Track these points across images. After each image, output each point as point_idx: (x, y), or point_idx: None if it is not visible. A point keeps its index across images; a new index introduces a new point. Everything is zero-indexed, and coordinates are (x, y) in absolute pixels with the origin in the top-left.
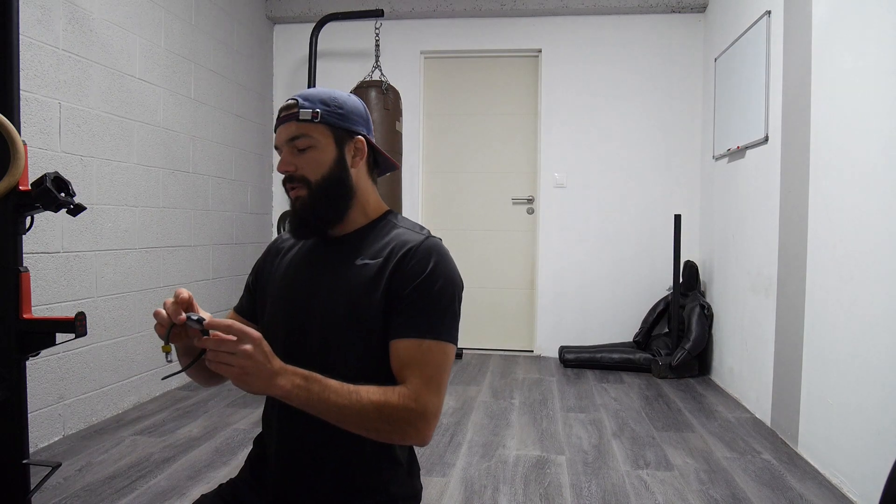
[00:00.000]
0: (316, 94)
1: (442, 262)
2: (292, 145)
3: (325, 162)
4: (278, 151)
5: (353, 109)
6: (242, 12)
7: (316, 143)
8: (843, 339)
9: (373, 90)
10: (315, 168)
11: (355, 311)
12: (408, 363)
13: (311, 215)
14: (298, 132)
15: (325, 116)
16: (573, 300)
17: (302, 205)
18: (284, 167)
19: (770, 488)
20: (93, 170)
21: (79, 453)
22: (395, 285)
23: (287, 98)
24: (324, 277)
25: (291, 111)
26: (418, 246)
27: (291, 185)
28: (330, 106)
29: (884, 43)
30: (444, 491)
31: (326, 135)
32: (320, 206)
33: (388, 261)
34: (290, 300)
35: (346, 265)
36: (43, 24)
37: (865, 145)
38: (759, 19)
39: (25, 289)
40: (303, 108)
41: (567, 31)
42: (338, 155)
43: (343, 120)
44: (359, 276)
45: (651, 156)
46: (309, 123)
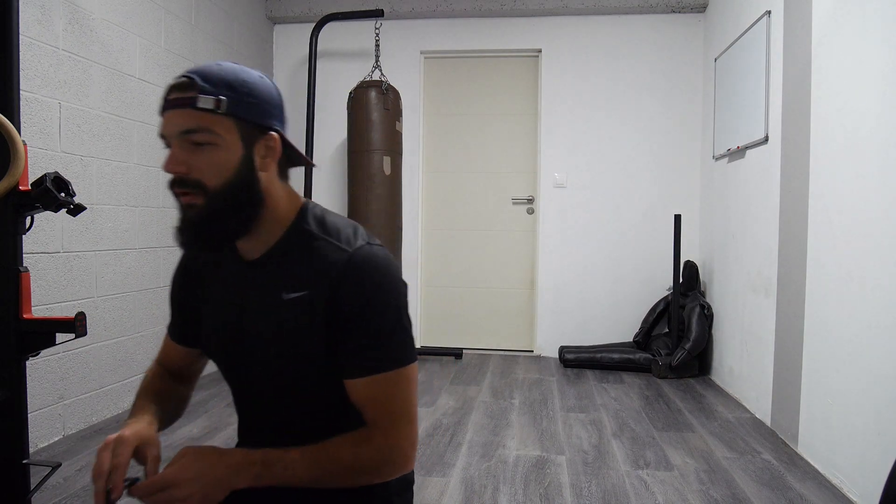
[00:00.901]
0: (220, 75)
1: (377, 277)
2: (186, 139)
3: (229, 165)
4: (164, 142)
5: (265, 97)
6: (242, 12)
7: (217, 141)
8: (843, 339)
9: (373, 90)
10: (215, 172)
11: (295, 354)
12: (369, 403)
13: (207, 229)
14: (196, 124)
15: (231, 107)
16: (573, 300)
17: (197, 215)
18: (174, 167)
19: (770, 488)
20: (93, 170)
21: (79, 453)
22: (333, 319)
23: (181, 74)
24: (253, 315)
25: (187, 94)
26: (345, 269)
27: (182, 189)
28: (238, 92)
29: (884, 43)
30: (444, 491)
31: (231, 131)
32: (220, 219)
33: (318, 293)
34: (224, 340)
35: (274, 300)
36: (43, 24)
37: (865, 145)
38: (759, 19)
39: (25, 289)
40: (203, 94)
41: (567, 31)
42: (244, 156)
43: (254, 111)
44: (290, 316)
45: (651, 156)
46: (211, 114)
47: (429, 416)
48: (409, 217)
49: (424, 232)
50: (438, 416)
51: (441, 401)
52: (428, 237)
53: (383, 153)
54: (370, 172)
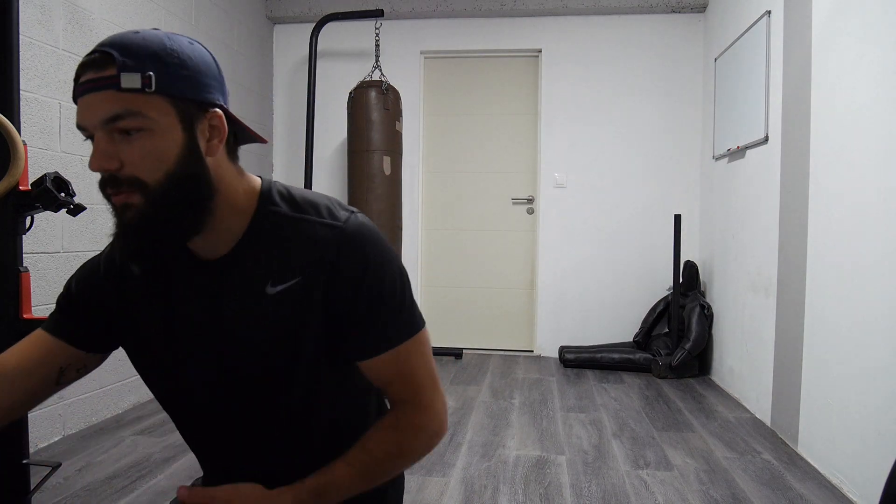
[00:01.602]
0: (143, 46)
1: (373, 248)
2: (112, 128)
3: (168, 154)
4: (84, 134)
5: (201, 67)
6: (242, 12)
7: (151, 125)
8: (843, 339)
9: (373, 90)
10: (152, 163)
11: (286, 353)
12: (393, 379)
13: (151, 233)
14: (122, 108)
15: (162, 83)
16: (573, 300)
17: (137, 218)
18: (102, 163)
19: (770, 488)
20: None
21: (79, 453)
22: (336, 303)
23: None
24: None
25: (105, 73)
26: (340, 245)
27: (115, 189)
28: (167, 65)
29: (884, 43)
30: (444, 491)
31: (167, 111)
32: (165, 219)
33: (313, 276)
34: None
35: (255, 298)
36: (43, 24)
37: (865, 145)
38: (759, 19)
39: (25, 289)
40: (125, 71)
41: (567, 31)
42: (186, 142)
43: (190, 86)
44: (280, 309)
45: (651, 156)
46: (139, 94)
47: None
48: (409, 217)
49: (424, 232)
50: None
51: None
52: (428, 237)
53: (383, 153)
54: (370, 172)
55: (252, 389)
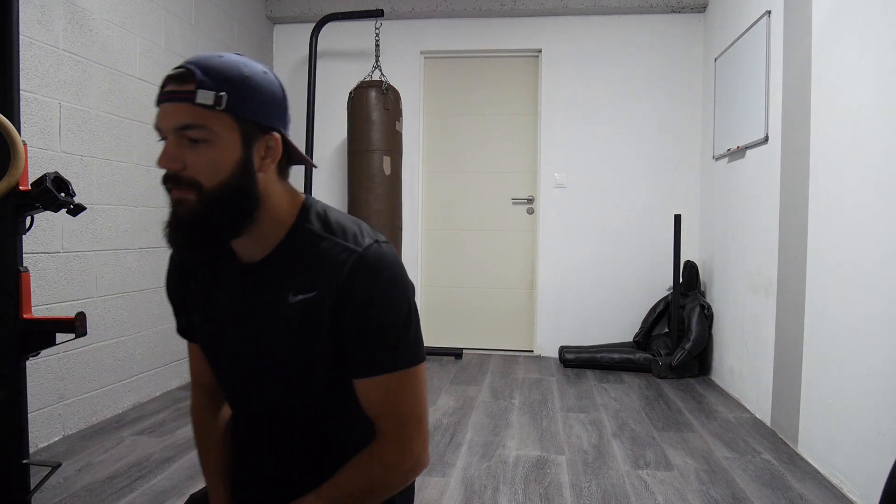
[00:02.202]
0: (221, 69)
1: (386, 277)
2: (182, 135)
3: (226, 165)
4: (159, 135)
5: (268, 95)
6: (242, 12)
7: (215, 139)
8: (843, 339)
9: (373, 90)
10: (211, 171)
11: (299, 359)
12: (379, 407)
13: (198, 229)
14: (194, 120)
15: (231, 104)
16: (573, 300)
17: (188, 212)
18: (169, 163)
19: (770, 488)
20: (93, 170)
21: (79, 453)
22: (341, 320)
23: (180, 64)
24: (258, 321)
25: (185, 87)
26: (355, 266)
27: (175, 185)
28: (239, 89)
29: (884, 43)
30: (444, 491)
31: (231, 128)
32: (212, 220)
33: (327, 294)
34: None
35: (280, 303)
36: (43, 24)
37: (865, 145)
38: (759, 19)
39: (25, 289)
40: (202, 88)
41: (567, 31)
42: (243, 157)
43: (255, 110)
44: (295, 318)
45: (651, 156)
46: (209, 111)
47: (429, 416)
48: (409, 217)
49: (424, 232)
50: (438, 416)
51: (441, 401)
52: (428, 237)
53: (383, 153)
54: (370, 172)
55: (269, 385)
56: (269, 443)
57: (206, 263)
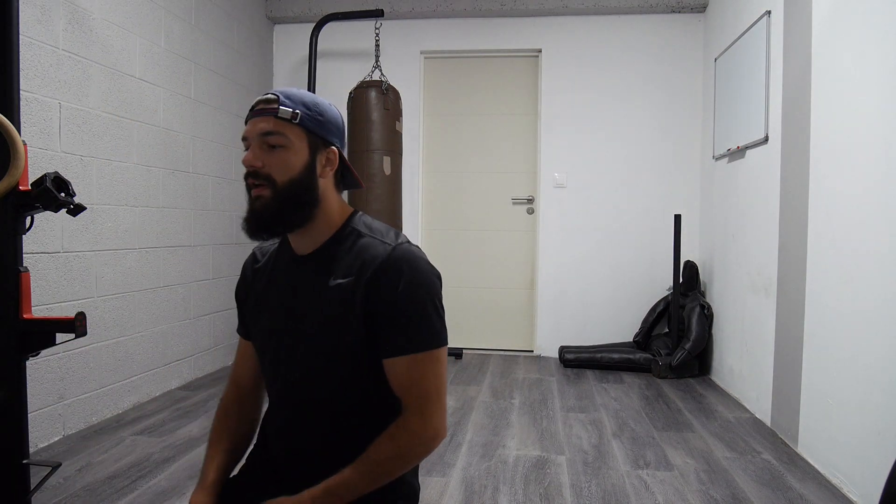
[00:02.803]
0: (299, 96)
1: (413, 270)
2: (263, 140)
3: (295, 165)
4: (245, 144)
5: (332, 119)
6: (242, 12)
7: (289, 144)
8: (843, 339)
9: (373, 90)
10: (283, 169)
11: (334, 335)
12: (404, 383)
13: (271, 217)
14: (274, 128)
15: (304, 119)
16: (573, 300)
17: (263, 205)
18: (252, 162)
19: (770, 488)
20: (93, 170)
21: (79, 453)
22: (371, 305)
23: (268, 91)
24: (301, 302)
25: (271, 106)
26: (386, 259)
27: (255, 181)
28: (311, 110)
29: (884, 43)
30: (444, 491)
31: (301, 138)
32: (283, 209)
33: (360, 279)
34: (273, 330)
35: (321, 287)
36: (43, 24)
37: (865, 145)
38: (759, 19)
39: (25, 289)
40: (283, 106)
41: (567, 31)
42: (309, 161)
43: (321, 127)
44: (334, 299)
45: (651, 156)
46: (287, 123)
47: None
48: (409, 217)
49: (424, 232)
50: None
51: None
52: (428, 237)
53: (383, 153)
54: (370, 172)
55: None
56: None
57: (272, 261)
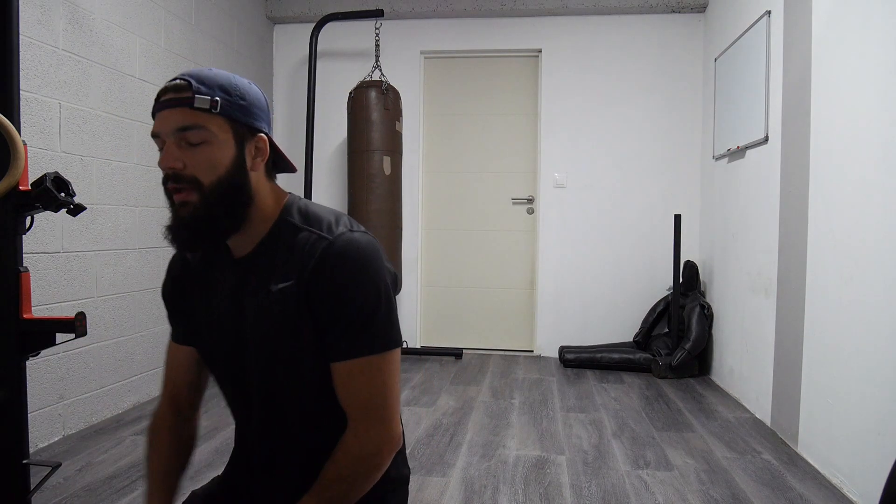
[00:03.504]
0: (213, 78)
1: (356, 265)
2: (181, 137)
3: (222, 162)
4: (158, 143)
5: (255, 101)
6: (242, 12)
7: (212, 139)
8: (843, 339)
9: (373, 90)
10: (209, 168)
11: (286, 345)
12: (343, 392)
13: (201, 226)
14: (192, 122)
15: (225, 107)
16: (573, 300)
17: (192, 213)
18: (170, 163)
19: (770, 488)
20: (93, 170)
21: (79, 453)
22: (313, 307)
23: (174, 77)
24: (247, 311)
25: (183, 94)
26: (325, 255)
27: (176, 185)
28: (231, 95)
29: (884, 43)
30: (444, 491)
31: (225, 129)
32: (214, 215)
33: (301, 280)
34: (220, 343)
35: (264, 293)
36: (43, 24)
37: (865, 145)
38: (759, 19)
39: (25, 289)
40: (199, 94)
41: (567, 31)
42: (237, 154)
43: (245, 114)
44: (277, 307)
45: (651, 156)
46: (206, 113)
47: (429, 416)
48: (409, 217)
49: (424, 232)
50: (438, 416)
51: (441, 401)
52: (428, 237)
53: (383, 153)
54: (370, 172)
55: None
56: (265, 439)
57: (204, 261)
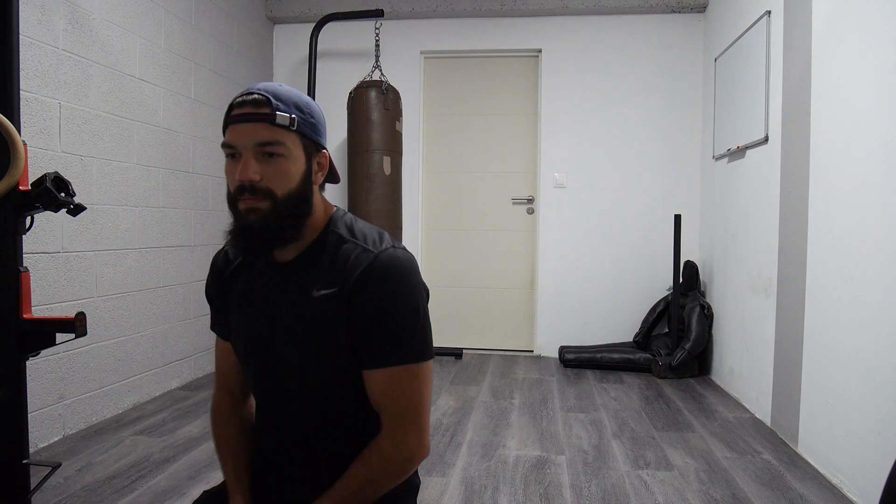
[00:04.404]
0: (288, 97)
1: (398, 279)
2: (260, 150)
3: (295, 176)
4: (229, 151)
5: (320, 119)
6: (242, 12)
7: (288, 154)
8: (844, 339)
9: (373, 90)
10: (284, 180)
11: (322, 350)
12: (380, 398)
13: (270, 233)
14: (272, 137)
15: (300, 125)
16: (573, 300)
17: (260, 219)
18: (249, 175)
19: (770, 488)
20: (93, 170)
21: (79, 453)
22: (355, 316)
23: (248, 91)
24: (285, 314)
25: (263, 111)
26: (370, 268)
27: (251, 195)
28: (304, 113)
29: (884, 43)
30: (444, 491)
31: (298, 145)
32: (282, 225)
33: (344, 289)
34: (255, 342)
35: (305, 298)
36: (43, 24)
37: (865, 145)
38: (759, 19)
39: (25, 289)
40: (279, 111)
41: (567, 31)
42: (306, 169)
43: (314, 131)
44: (319, 312)
45: (651, 156)
46: (284, 129)
47: (430, 414)
48: (409, 217)
49: (424, 232)
50: (438, 416)
51: (441, 401)
52: (428, 237)
53: (383, 153)
54: (370, 172)
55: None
56: (292, 436)
57: (247, 263)
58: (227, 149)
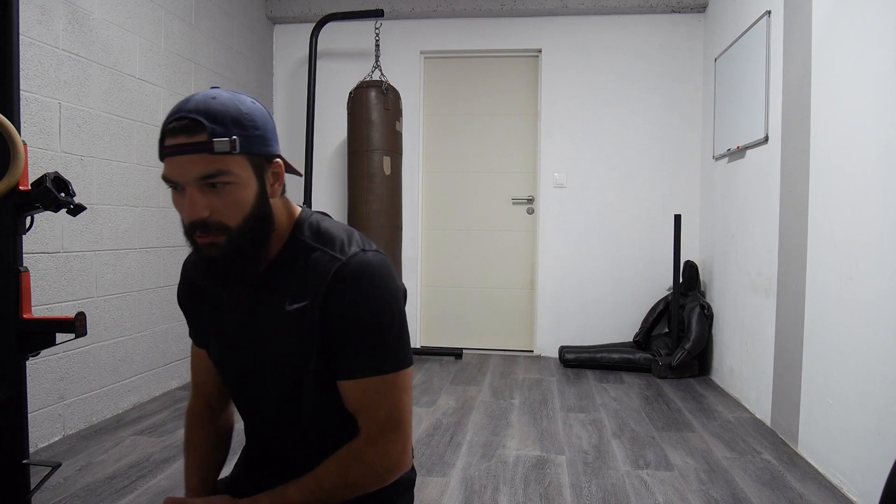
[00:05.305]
0: (224, 113)
1: (370, 286)
2: (203, 183)
3: (247, 200)
4: (171, 185)
5: (265, 125)
6: (242, 12)
7: (236, 180)
8: (844, 339)
9: (373, 90)
10: (236, 210)
11: (296, 363)
12: (357, 408)
13: (233, 263)
14: (214, 169)
15: (244, 145)
16: (573, 300)
17: (220, 253)
18: (197, 214)
19: (770, 488)
20: (93, 170)
21: (79, 453)
22: (328, 326)
23: (177, 113)
24: (258, 329)
25: (198, 139)
26: (339, 275)
27: (203, 233)
28: (246, 128)
29: (884, 43)
30: (444, 491)
31: (246, 167)
32: (242, 253)
33: (315, 302)
34: (229, 354)
35: (278, 311)
36: (43, 24)
37: (865, 145)
38: (759, 19)
39: (25, 289)
40: (216, 138)
41: (567, 31)
42: (259, 188)
43: (261, 143)
44: (291, 326)
45: (651, 156)
46: (227, 156)
47: (429, 416)
48: (409, 217)
49: (424, 232)
50: (438, 416)
51: (441, 401)
52: (428, 237)
53: (383, 153)
54: (370, 172)
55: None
56: (272, 443)
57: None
58: (168, 183)
